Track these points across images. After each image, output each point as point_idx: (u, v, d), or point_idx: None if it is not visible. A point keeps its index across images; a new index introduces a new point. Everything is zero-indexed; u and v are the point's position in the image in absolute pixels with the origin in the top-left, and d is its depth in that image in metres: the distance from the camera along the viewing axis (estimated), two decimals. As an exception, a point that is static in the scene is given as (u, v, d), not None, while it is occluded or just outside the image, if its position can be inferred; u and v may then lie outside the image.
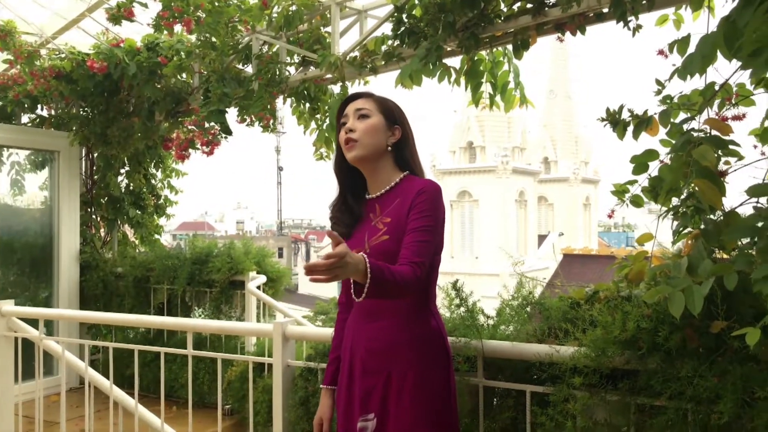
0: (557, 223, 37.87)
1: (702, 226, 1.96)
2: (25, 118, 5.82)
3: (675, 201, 2.12)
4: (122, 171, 6.05)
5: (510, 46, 3.27)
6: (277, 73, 4.04)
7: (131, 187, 6.09)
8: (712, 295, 1.77)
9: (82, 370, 3.21)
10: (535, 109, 4.05)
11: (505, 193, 31.09)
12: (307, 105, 4.35)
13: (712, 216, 1.97)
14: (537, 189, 35.00)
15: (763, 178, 2.21)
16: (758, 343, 1.56)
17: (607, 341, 1.99)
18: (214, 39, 3.92)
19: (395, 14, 3.35)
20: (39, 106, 5.64)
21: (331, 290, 41.68)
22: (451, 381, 2.02)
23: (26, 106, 5.50)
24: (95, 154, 5.86)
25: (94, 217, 5.98)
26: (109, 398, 3.14)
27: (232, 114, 4.34)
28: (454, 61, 3.50)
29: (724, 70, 2.28)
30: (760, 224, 1.75)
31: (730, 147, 1.95)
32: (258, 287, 5.01)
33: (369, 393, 1.94)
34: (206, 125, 4.40)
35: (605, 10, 2.83)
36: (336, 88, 4.25)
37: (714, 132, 1.99)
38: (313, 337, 2.85)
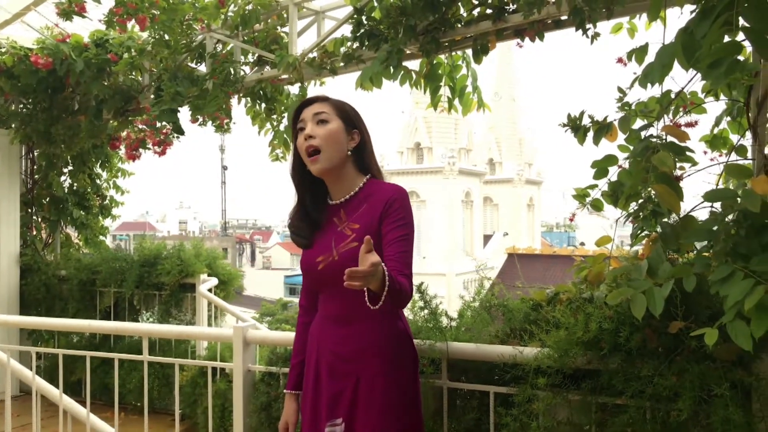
0: (502, 223, 38.55)
1: (660, 230, 2.03)
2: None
3: (633, 205, 2.19)
4: (65, 170, 5.84)
5: (469, 51, 3.31)
6: (232, 72, 3.97)
7: (75, 187, 5.89)
8: (670, 296, 1.83)
9: (28, 378, 3.09)
10: (492, 113, 4.10)
11: (452, 193, 31.48)
12: (263, 105, 4.29)
13: (667, 220, 2.04)
14: (482, 190, 35.56)
15: (716, 183, 2.31)
16: (715, 342, 1.63)
17: (570, 342, 2.03)
18: (167, 37, 3.82)
19: (354, 16, 3.35)
20: (-25, 102, 5.38)
21: (276, 292, 41.35)
22: (417, 383, 2.03)
23: (-39, 102, 5.25)
24: (36, 153, 5.64)
25: (35, 218, 5.76)
26: (52, 406, 3.02)
27: (183, 113, 4.25)
28: (413, 64, 3.52)
29: (678, 78, 2.37)
30: (715, 228, 1.82)
31: (687, 153, 2.02)
32: (209, 290, 4.92)
33: (337, 398, 1.92)
34: (158, 125, 4.28)
35: (564, 18, 2.90)
36: (293, 89, 4.22)
37: (670, 138, 2.06)
38: (274, 342, 2.81)
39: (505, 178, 39.18)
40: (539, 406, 2.08)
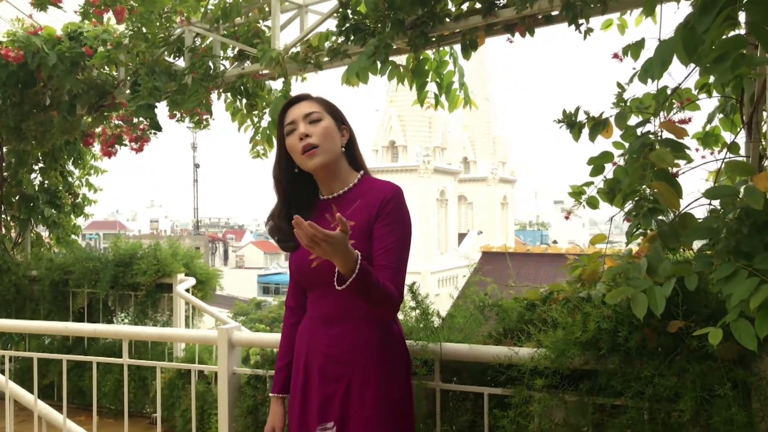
0: (476, 221, 38.80)
1: (657, 228, 2.00)
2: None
3: (628, 203, 2.15)
4: (36, 167, 5.67)
5: (456, 46, 3.26)
6: (212, 67, 3.87)
7: (46, 185, 5.73)
8: (670, 295, 1.80)
9: (1, 383, 2.96)
10: (468, 111, 4.07)
11: (427, 192, 31.57)
12: (244, 101, 4.20)
13: (663, 217, 2.01)
14: (457, 188, 35.74)
15: (708, 179, 2.30)
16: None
17: (567, 342, 1.99)
18: (145, 30, 3.70)
19: (340, 10, 3.28)
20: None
21: (250, 291, 41.05)
22: (410, 385, 1.98)
23: (-73, 96, 5.05)
24: (5, 149, 5.47)
25: (4, 216, 5.60)
26: (23, 410, 2.92)
27: (160, 108, 4.14)
28: (399, 60, 3.46)
29: (672, 74, 2.35)
30: (716, 226, 1.79)
31: (684, 150, 1.99)
32: (187, 290, 4.82)
33: (328, 401, 1.87)
34: (135, 120, 4.16)
35: (555, 13, 2.87)
36: (275, 84, 4.14)
37: (666, 135, 2.03)
38: (260, 344, 2.73)
39: (480, 177, 39.46)
40: (536, 407, 2.04)
